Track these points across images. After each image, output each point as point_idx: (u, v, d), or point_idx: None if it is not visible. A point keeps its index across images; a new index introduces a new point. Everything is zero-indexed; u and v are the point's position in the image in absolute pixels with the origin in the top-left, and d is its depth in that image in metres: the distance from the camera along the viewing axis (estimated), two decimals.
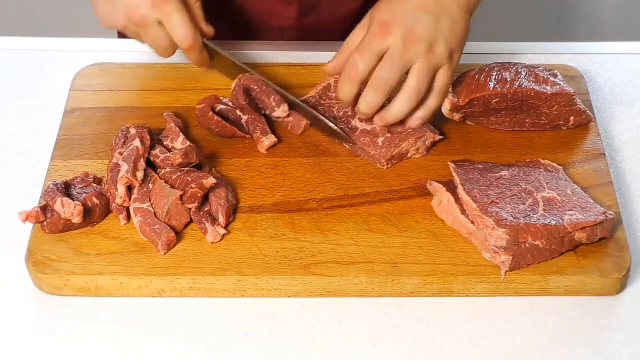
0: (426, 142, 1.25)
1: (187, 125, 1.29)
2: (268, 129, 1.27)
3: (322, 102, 1.30)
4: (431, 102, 1.24)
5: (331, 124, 1.26)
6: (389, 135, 1.25)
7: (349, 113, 1.29)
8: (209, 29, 1.32)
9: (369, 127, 1.26)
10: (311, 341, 1.10)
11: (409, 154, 1.25)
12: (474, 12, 1.25)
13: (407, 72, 1.21)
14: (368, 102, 1.23)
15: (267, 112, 1.29)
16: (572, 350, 1.10)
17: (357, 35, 1.25)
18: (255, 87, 1.29)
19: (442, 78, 1.23)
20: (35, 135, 1.31)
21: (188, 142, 1.23)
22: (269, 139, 1.25)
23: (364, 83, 1.23)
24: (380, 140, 1.25)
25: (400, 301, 1.13)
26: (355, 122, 1.28)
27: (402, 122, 1.25)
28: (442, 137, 1.26)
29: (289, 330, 1.11)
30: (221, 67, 1.35)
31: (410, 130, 1.25)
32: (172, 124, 1.26)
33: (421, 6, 1.21)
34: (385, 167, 1.24)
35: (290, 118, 1.28)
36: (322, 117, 1.27)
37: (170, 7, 1.25)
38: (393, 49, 1.19)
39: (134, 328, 1.11)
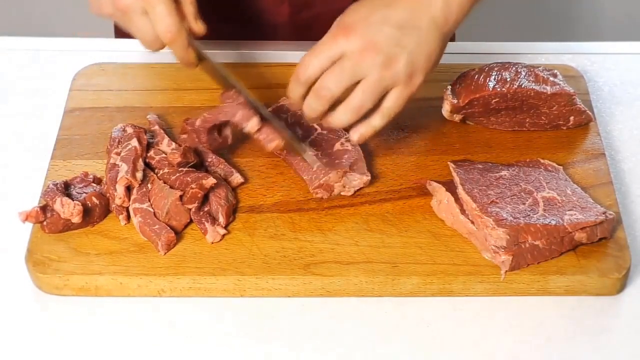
0: (353, 182, 1.21)
1: (180, 125, 1.29)
2: (232, 169, 1.22)
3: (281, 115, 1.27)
4: (375, 121, 1.17)
5: (303, 150, 1.18)
6: (322, 164, 1.21)
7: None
8: (199, 28, 1.22)
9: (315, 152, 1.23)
10: (311, 341, 1.10)
11: (336, 190, 1.20)
12: (451, 32, 1.17)
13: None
14: (310, 105, 1.17)
15: (238, 128, 1.21)
16: (572, 350, 1.10)
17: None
18: (229, 99, 1.21)
19: (392, 99, 1.15)
20: (35, 135, 1.31)
21: (174, 144, 1.23)
22: (235, 180, 1.22)
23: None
24: (315, 166, 1.21)
25: (400, 301, 1.13)
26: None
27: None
28: (369, 178, 1.21)
29: (289, 330, 1.11)
30: (208, 71, 1.27)
31: (342, 161, 1.20)
32: (156, 126, 1.25)
33: (389, 16, 1.14)
34: (316, 195, 1.20)
35: (262, 135, 1.19)
36: (298, 141, 1.18)
37: None
38: (346, 57, 1.13)
39: (134, 328, 1.11)
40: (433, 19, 1.14)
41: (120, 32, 1.58)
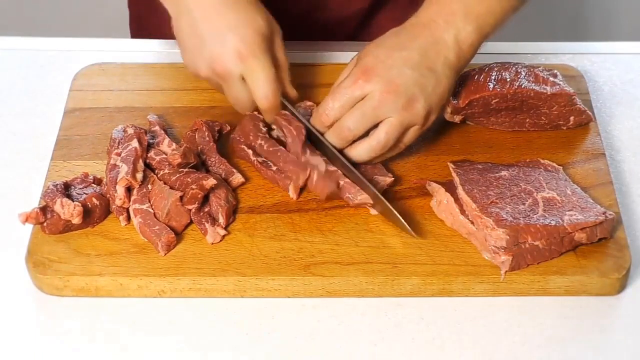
0: (377, 186, 1.20)
1: (180, 125, 1.29)
2: (233, 169, 1.22)
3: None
4: (388, 154, 1.21)
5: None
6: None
7: None
8: (293, 93, 1.25)
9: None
10: (311, 341, 1.10)
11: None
12: (463, 69, 1.21)
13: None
14: (331, 142, 1.19)
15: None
16: (572, 350, 1.10)
17: (344, 74, 1.21)
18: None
19: (409, 136, 1.19)
20: (35, 135, 1.31)
21: (174, 145, 1.23)
22: (236, 179, 1.22)
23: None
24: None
25: (400, 301, 1.13)
26: None
27: None
28: (392, 179, 1.21)
29: (289, 330, 1.11)
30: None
31: (363, 169, 1.21)
32: (157, 127, 1.26)
33: (408, 59, 1.16)
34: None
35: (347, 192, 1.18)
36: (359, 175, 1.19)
37: (257, 63, 1.18)
38: (368, 99, 1.16)
39: (134, 329, 1.11)
40: (447, 60, 1.18)
41: (136, 33, 1.58)
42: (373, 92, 1.15)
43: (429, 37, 1.18)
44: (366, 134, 1.19)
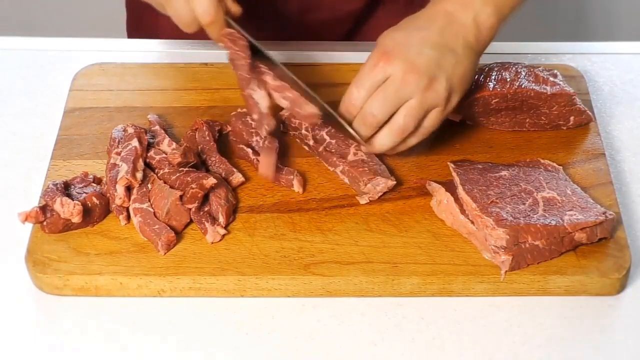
0: (377, 188, 1.20)
1: (180, 125, 1.29)
2: (233, 169, 1.22)
3: (293, 120, 1.27)
4: (410, 141, 1.19)
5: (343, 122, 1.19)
6: (345, 168, 1.22)
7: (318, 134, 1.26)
8: (235, 9, 1.24)
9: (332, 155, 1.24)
10: (311, 341, 1.10)
11: (362, 201, 1.21)
12: (483, 52, 1.20)
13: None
14: (356, 132, 1.19)
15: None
16: (572, 350, 1.10)
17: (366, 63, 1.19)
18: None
19: (431, 120, 1.18)
20: (35, 135, 1.31)
21: (174, 144, 1.23)
22: (236, 179, 1.22)
23: None
24: (338, 170, 1.23)
25: (400, 301, 1.13)
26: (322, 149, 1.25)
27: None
28: (394, 182, 1.21)
29: (289, 330, 1.11)
30: None
31: (366, 169, 1.21)
32: (157, 126, 1.26)
33: (427, 39, 1.16)
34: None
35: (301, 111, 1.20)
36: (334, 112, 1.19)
37: None
38: (390, 81, 1.15)
39: (134, 328, 1.11)
40: (466, 42, 1.17)
41: (133, 33, 1.59)
42: (394, 73, 1.14)
43: (447, 19, 1.17)
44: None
